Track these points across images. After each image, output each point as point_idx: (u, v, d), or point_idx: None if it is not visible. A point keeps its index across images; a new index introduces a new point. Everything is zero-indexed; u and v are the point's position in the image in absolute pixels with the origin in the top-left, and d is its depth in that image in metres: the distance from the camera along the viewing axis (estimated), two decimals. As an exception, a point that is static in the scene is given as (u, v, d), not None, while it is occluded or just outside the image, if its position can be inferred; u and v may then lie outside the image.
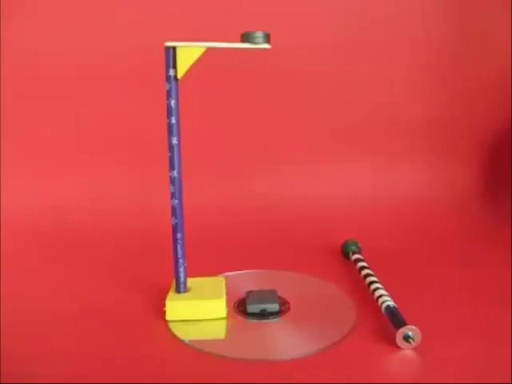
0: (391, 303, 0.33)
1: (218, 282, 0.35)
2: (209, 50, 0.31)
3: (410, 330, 0.29)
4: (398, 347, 0.30)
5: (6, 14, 0.47)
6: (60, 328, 0.33)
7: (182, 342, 0.31)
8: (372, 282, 0.36)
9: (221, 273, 0.39)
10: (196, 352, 0.30)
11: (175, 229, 0.33)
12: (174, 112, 0.32)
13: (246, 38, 0.31)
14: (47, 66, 0.50)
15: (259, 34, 0.31)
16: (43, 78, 0.50)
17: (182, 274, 0.33)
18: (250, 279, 0.39)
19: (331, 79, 0.53)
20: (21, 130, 0.51)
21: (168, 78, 0.31)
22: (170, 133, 0.32)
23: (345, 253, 0.43)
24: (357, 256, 0.41)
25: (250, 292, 0.35)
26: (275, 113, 0.51)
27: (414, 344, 0.29)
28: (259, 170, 0.52)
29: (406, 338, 0.29)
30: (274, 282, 0.38)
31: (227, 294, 0.35)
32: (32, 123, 0.51)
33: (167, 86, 0.31)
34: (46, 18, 0.49)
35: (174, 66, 0.31)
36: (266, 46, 0.31)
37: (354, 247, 0.42)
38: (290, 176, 0.53)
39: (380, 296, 0.34)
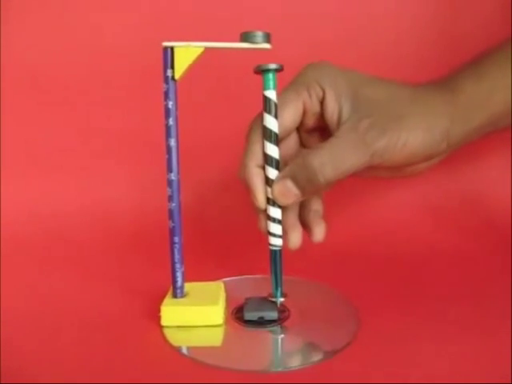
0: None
1: (217, 288, 0.34)
2: (208, 50, 0.30)
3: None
4: (404, 354, 0.29)
5: (5, 14, 0.47)
6: (56, 331, 0.32)
7: (175, 348, 0.30)
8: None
9: (220, 278, 0.38)
10: (188, 359, 0.29)
11: (172, 232, 0.32)
12: (171, 113, 0.31)
13: (245, 37, 0.30)
14: (47, 66, 0.49)
15: (259, 34, 0.30)
16: (44, 79, 0.50)
17: (179, 279, 0.33)
18: (250, 285, 0.38)
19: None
20: (18, 131, 0.50)
21: (166, 78, 0.30)
22: (167, 135, 0.31)
23: None
24: None
25: (249, 298, 0.34)
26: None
27: None
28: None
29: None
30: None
31: (226, 300, 0.34)
32: (30, 124, 0.51)
33: (165, 87, 0.31)
34: (46, 17, 0.49)
35: (172, 67, 0.30)
36: (266, 45, 0.30)
37: None
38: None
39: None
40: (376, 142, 0.30)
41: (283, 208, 0.33)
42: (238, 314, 0.33)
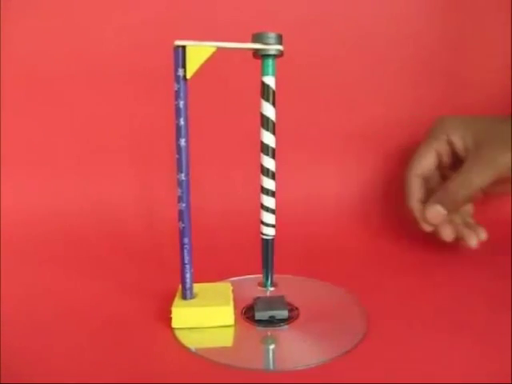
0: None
1: (225, 288, 0.34)
2: (218, 50, 0.30)
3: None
4: (404, 353, 0.29)
5: (5, 14, 0.46)
6: (62, 332, 0.32)
7: (188, 349, 0.30)
8: None
9: (226, 278, 0.38)
10: (202, 360, 0.29)
11: (182, 233, 0.32)
12: (182, 113, 0.31)
13: (257, 38, 0.30)
14: (48, 66, 0.49)
15: (272, 35, 0.30)
16: (46, 78, 0.49)
17: (188, 280, 0.32)
18: (253, 284, 0.38)
19: (336, 83, 0.53)
20: (22, 131, 0.50)
21: (177, 78, 0.30)
22: (178, 134, 0.31)
23: None
24: None
25: (258, 298, 0.34)
26: (282, 115, 0.51)
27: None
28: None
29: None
30: (282, 286, 0.37)
31: (234, 300, 0.34)
32: (33, 124, 0.50)
33: (176, 87, 0.30)
34: (49, 16, 0.48)
35: (183, 66, 0.30)
36: (279, 47, 0.30)
37: None
38: (297, 179, 0.52)
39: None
40: (499, 158, 0.39)
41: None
42: (247, 314, 0.33)
